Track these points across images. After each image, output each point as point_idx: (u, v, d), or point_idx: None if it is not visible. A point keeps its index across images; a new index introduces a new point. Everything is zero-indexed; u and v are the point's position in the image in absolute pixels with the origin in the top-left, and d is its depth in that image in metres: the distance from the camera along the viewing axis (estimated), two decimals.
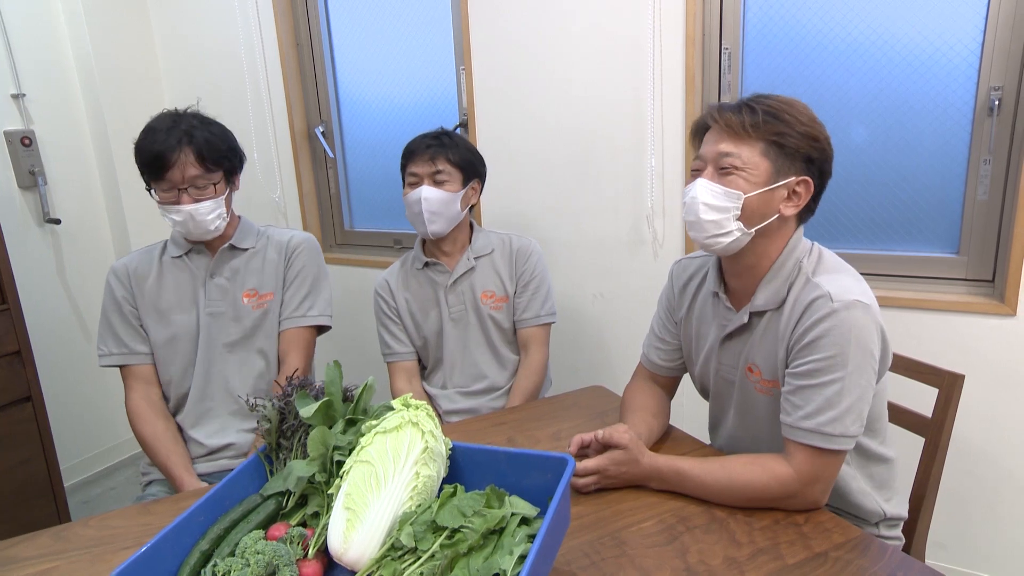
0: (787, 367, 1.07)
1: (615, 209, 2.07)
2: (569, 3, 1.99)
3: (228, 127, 1.54)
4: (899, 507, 1.21)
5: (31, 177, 2.47)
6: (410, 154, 1.66)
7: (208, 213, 1.44)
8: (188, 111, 1.49)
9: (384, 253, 2.63)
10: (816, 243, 1.15)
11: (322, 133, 2.64)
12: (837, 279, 1.06)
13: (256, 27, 2.57)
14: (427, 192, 1.61)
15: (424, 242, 1.74)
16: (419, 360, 1.79)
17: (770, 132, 1.05)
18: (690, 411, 1.99)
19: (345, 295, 2.62)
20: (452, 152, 1.63)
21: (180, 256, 1.54)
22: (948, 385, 1.22)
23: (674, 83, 1.89)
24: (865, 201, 1.80)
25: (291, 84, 2.60)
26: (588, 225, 2.13)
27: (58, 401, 2.46)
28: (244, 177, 1.62)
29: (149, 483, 1.51)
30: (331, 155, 2.67)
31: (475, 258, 1.70)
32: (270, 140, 2.68)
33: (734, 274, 1.17)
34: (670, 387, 1.39)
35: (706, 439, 1.32)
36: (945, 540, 1.77)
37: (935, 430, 1.23)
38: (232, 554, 0.87)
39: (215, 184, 1.45)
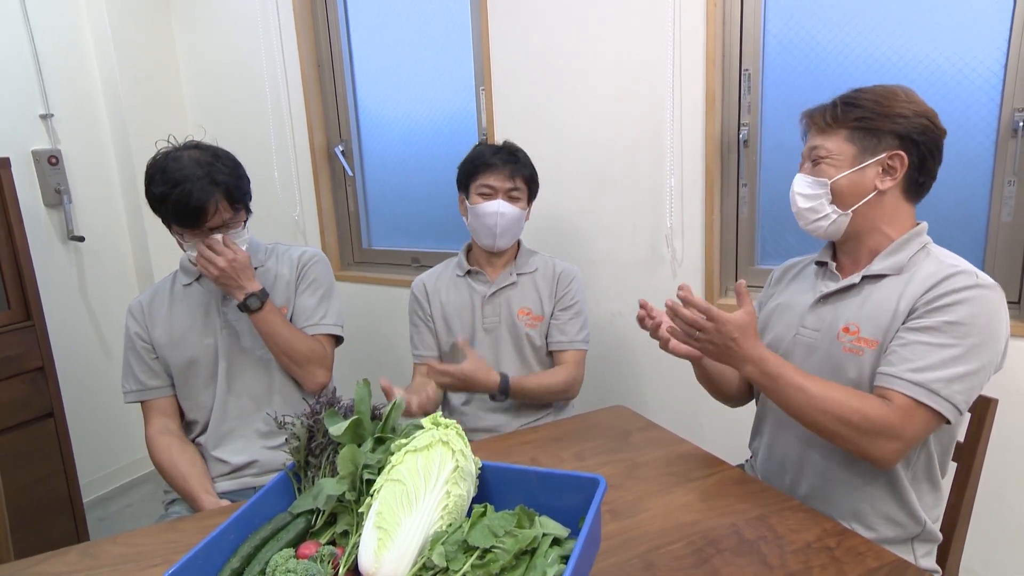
0: (905, 323, 1.08)
1: (634, 228, 2.07)
2: (589, 24, 2.01)
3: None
4: (935, 524, 1.20)
5: (57, 195, 2.51)
6: (484, 166, 1.67)
7: (235, 241, 1.48)
8: (192, 146, 1.47)
9: (402, 271, 2.64)
10: None
11: (342, 152, 2.68)
12: (973, 267, 1.09)
13: (278, 48, 2.61)
14: (504, 207, 1.65)
15: (469, 250, 1.77)
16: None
17: (849, 119, 1.14)
18: (710, 434, 1.98)
19: (363, 313, 2.64)
20: (525, 169, 1.69)
21: (191, 283, 1.56)
22: (981, 409, 1.21)
23: (694, 103, 1.90)
24: None
25: (312, 104, 2.64)
26: (607, 244, 2.13)
27: (77, 417, 2.48)
28: (265, 195, 1.64)
29: (171, 502, 1.52)
30: (350, 174, 2.69)
31: (517, 274, 1.72)
32: (290, 159, 2.71)
33: (849, 249, 1.22)
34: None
35: (728, 457, 1.30)
36: (976, 566, 1.74)
37: (968, 455, 1.21)
38: (262, 572, 0.87)
39: (243, 220, 1.50)
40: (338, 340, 1.64)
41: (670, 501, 1.12)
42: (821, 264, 1.27)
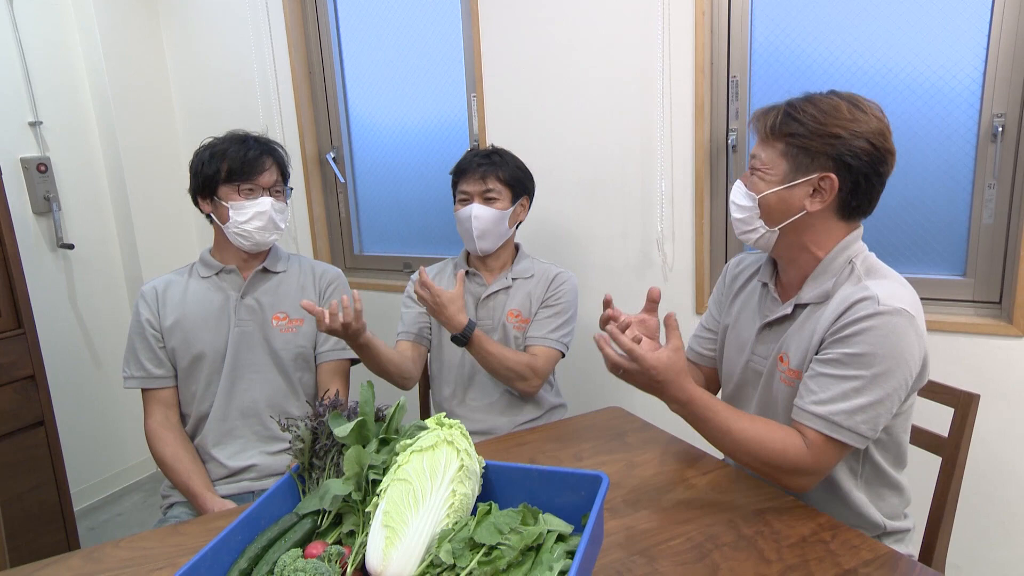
0: (816, 355, 1.08)
1: (625, 233, 2.10)
2: (580, 32, 2.05)
3: None
4: (902, 523, 1.22)
5: (46, 203, 2.50)
6: (461, 172, 1.70)
7: (281, 212, 1.56)
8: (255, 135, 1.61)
9: (393, 277, 2.65)
10: (872, 252, 1.16)
11: (333, 159, 2.68)
12: (888, 285, 1.07)
13: (269, 55, 2.62)
14: (477, 210, 1.65)
15: (469, 253, 1.78)
16: (427, 364, 1.82)
17: (784, 133, 1.09)
18: None
19: None
20: (502, 170, 1.67)
21: (209, 277, 1.57)
22: (964, 404, 1.24)
23: (683, 110, 1.93)
24: (872, 224, 1.81)
25: (303, 111, 2.64)
26: (598, 249, 2.16)
27: (66, 426, 2.46)
28: None
29: (170, 506, 1.52)
30: (342, 180, 2.70)
31: (513, 279, 1.73)
32: None
33: (783, 267, 1.22)
34: (708, 378, 1.41)
35: (717, 453, 1.33)
36: (959, 561, 1.78)
37: (951, 449, 1.25)
38: (271, 573, 0.87)
39: (285, 196, 1.61)
40: (354, 361, 1.68)
41: (668, 498, 1.15)
42: (764, 284, 1.25)
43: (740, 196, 1.17)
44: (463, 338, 1.55)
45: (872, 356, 1.02)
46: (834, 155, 1.06)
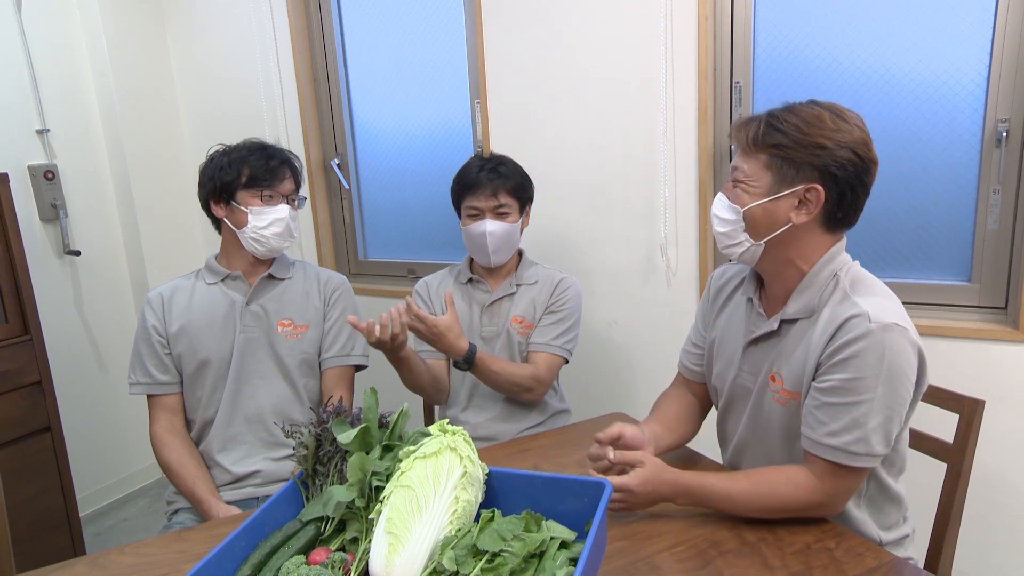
0: (815, 380, 1.07)
1: (629, 238, 2.10)
2: (583, 38, 2.05)
3: None
4: (900, 530, 1.21)
5: (53, 210, 2.52)
6: (469, 187, 1.66)
7: (294, 220, 1.60)
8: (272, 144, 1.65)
9: (398, 283, 2.66)
10: (856, 261, 1.15)
11: (337, 165, 2.70)
12: (876, 299, 1.06)
13: (274, 62, 2.63)
14: (492, 226, 1.64)
15: (472, 260, 1.78)
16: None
17: (768, 144, 1.07)
18: (705, 439, 2.00)
19: None
20: (510, 181, 1.66)
21: (215, 283, 1.58)
22: (969, 411, 1.24)
23: (687, 115, 1.94)
24: (876, 230, 1.83)
25: (308, 118, 2.66)
26: (602, 254, 2.16)
27: (73, 432, 2.47)
28: None
29: (175, 512, 1.52)
30: (346, 186, 2.72)
31: (517, 285, 1.73)
32: None
33: (768, 282, 1.19)
34: (704, 395, 1.39)
35: (720, 457, 1.32)
36: (965, 568, 1.77)
37: (957, 456, 1.24)
38: None
39: (297, 203, 1.64)
40: (358, 367, 1.69)
41: (671, 505, 1.14)
42: (749, 298, 1.23)
43: (723, 209, 1.14)
44: (466, 364, 1.56)
45: (873, 378, 1.00)
46: (819, 166, 1.04)
